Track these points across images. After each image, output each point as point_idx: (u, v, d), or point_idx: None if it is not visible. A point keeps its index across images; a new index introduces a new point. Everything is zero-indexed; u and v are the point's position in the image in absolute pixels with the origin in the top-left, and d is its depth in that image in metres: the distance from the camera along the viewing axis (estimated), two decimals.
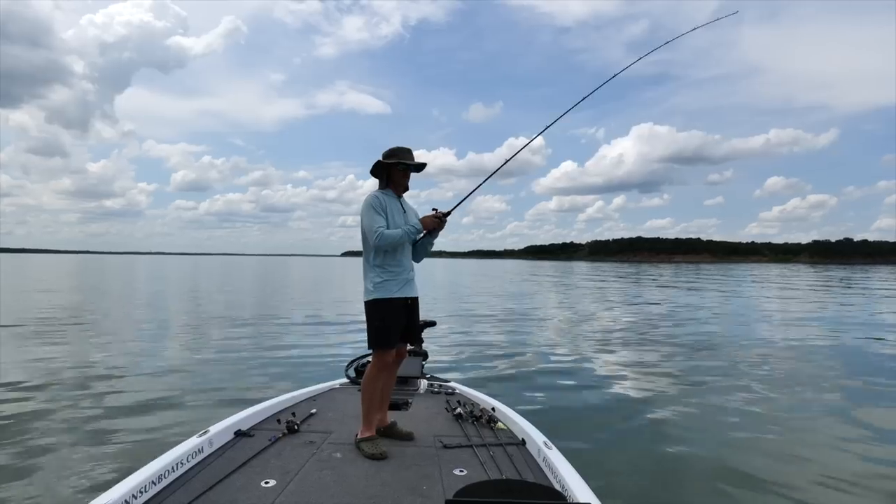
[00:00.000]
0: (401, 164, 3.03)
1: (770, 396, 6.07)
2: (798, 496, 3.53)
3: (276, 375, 6.82)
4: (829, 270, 73.24)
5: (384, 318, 2.93)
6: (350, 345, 9.15)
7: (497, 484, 2.12)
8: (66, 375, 6.54)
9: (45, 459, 3.87)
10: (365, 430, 2.93)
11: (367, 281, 2.98)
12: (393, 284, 2.95)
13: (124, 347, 8.76)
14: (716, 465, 4.10)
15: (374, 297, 2.94)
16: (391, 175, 3.06)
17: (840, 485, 3.71)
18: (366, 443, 2.83)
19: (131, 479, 2.17)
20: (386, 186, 3.07)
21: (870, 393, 6.34)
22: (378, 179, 3.12)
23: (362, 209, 2.97)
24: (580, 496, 2.12)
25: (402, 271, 3.02)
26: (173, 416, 4.95)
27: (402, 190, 3.11)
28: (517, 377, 7.04)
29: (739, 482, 3.74)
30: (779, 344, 9.89)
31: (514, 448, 2.90)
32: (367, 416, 2.94)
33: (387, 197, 3.00)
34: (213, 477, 2.42)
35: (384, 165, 3.04)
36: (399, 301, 2.97)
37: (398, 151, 3.05)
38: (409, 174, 3.12)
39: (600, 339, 10.40)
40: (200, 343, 9.24)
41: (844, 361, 8.25)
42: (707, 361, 8.15)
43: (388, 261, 2.97)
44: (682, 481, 3.83)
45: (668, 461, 4.20)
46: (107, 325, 11.70)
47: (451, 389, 4.14)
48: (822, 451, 4.39)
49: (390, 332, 2.95)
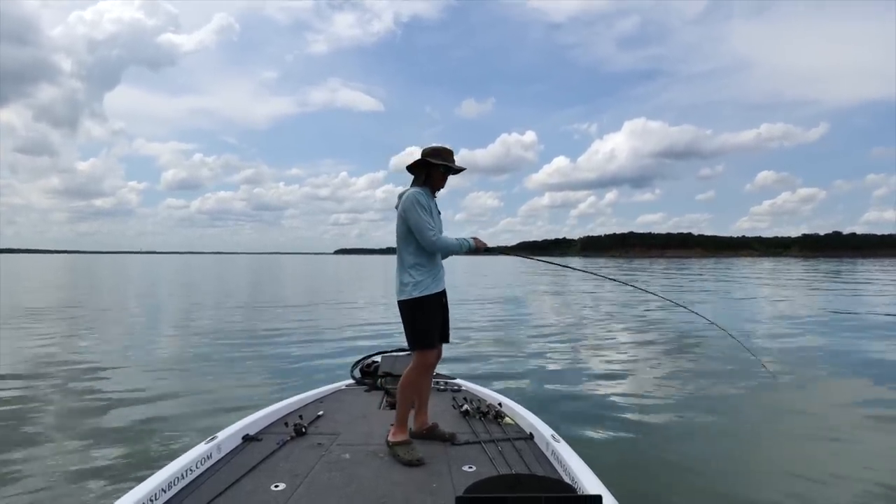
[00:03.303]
0: (442, 167, 2.98)
1: (777, 389, 6.16)
2: (805, 486, 3.58)
3: (281, 378, 6.80)
4: (818, 264, 73.82)
5: (426, 317, 2.90)
6: (355, 345, 9.13)
7: (507, 479, 2.13)
8: (69, 384, 6.45)
9: (53, 471, 3.84)
10: (398, 431, 2.86)
11: (405, 279, 2.91)
12: (430, 281, 2.92)
13: (125, 352, 8.67)
14: (723, 455, 4.17)
15: (414, 296, 2.87)
16: (431, 174, 2.99)
17: (845, 482, 3.72)
18: (401, 448, 2.78)
19: (141, 488, 2.18)
20: (423, 184, 3.00)
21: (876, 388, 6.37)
22: (414, 176, 3.04)
23: (406, 206, 2.87)
24: (590, 488, 2.14)
25: (438, 268, 3.00)
26: (180, 423, 4.92)
27: (437, 190, 3.06)
28: (522, 372, 7.10)
29: (747, 473, 3.80)
30: (782, 337, 10.01)
31: (522, 442, 2.94)
32: (403, 418, 2.89)
33: (426, 197, 2.94)
34: (223, 482, 2.43)
35: (427, 164, 2.97)
36: (436, 297, 2.93)
37: (443, 152, 2.99)
38: (448, 177, 3.07)
39: (604, 333, 10.48)
40: (203, 347, 9.11)
41: (845, 355, 8.37)
42: (713, 354, 8.25)
43: (426, 259, 2.93)
44: (690, 471, 3.87)
45: (676, 451, 4.25)
46: (104, 327, 11.60)
47: (457, 386, 4.18)
48: (830, 447, 4.41)
49: (432, 331, 2.92)
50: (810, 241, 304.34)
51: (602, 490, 2.13)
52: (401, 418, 2.89)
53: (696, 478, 3.75)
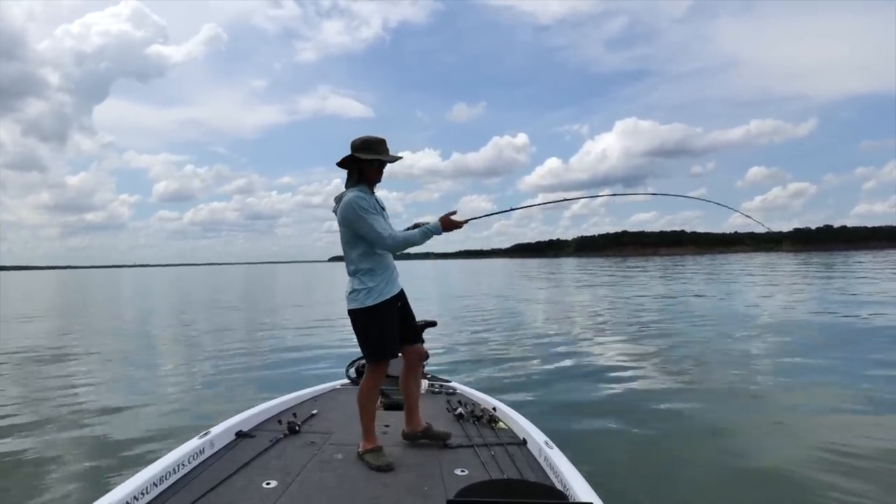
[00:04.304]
0: (375, 161, 2.76)
1: (771, 392, 6.15)
2: (799, 491, 3.57)
3: (276, 376, 6.83)
4: (811, 258, 74.43)
5: (381, 326, 2.76)
6: (350, 346, 9.12)
7: (498, 484, 2.13)
8: (63, 379, 6.50)
9: (45, 462, 3.86)
10: (366, 443, 2.81)
11: (355, 285, 2.75)
12: (384, 286, 2.76)
13: (124, 351, 8.72)
14: (716, 464, 4.12)
15: (367, 305, 2.72)
16: (365, 170, 2.78)
17: (840, 477, 3.72)
18: (370, 455, 2.73)
19: (133, 481, 2.18)
20: (357, 182, 2.79)
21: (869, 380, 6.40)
22: (347, 172, 2.81)
23: (348, 213, 2.68)
24: (582, 495, 2.13)
25: (391, 270, 2.84)
26: (174, 418, 4.95)
27: (374, 185, 2.85)
28: (518, 377, 7.08)
29: (740, 482, 3.76)
30: (775, 335, 10.05)
31: (515, 448, 2.91)
32: (367, 428, 2.84)
33: (366, 197, 2.73)
34: (215, 478, 2.43)
35: (356, 160, 2.75)
36: (391, 302, 2.78)
37: (373, 143, 2.76)
38: (383, 169, 2.85)
39: (600, 337, 10.46)
40: (200, 346, 9.24)
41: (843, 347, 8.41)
42: (708, 357, 8.23)
43: (376, 262, 2.76)
44: (683, 479, 3.85)
45: (669, 459, 4.23)
46: (101, 328, 11.60)
47: (452, 389, 4.15)
48: (824, 447, 4.37)
49: (388, 340, 2.79)
50: (802, 235, 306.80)
51: (593, 497, 2.11)
52: (364, 429, 2.83)
53: (688, 486, 3.74)
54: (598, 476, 2.52)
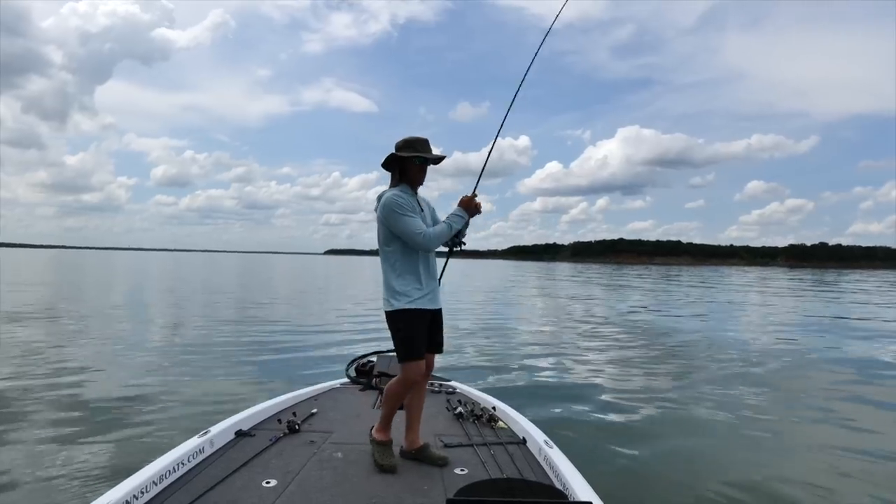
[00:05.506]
0: (417, 158, 2.72)
1: (765, 395, 6.23)
2: (794, 494, 3.62)
3: (276, 375, 6.78)
4: (804, 274, 74.75)
5: (411, 326, 2.69)
6: (350, 345, 9.11)
7: (498, 483, 2.16)
8: (60, 376, 6.39)
9: (43, 461, 3.82)
10: (379, 432, 2.78)
11: (394, 286, 2.70)
12: (419, 296, 2.70)
13: (119, 347, 8.58)
14: (715, 462, 4.19)
15: (404, 307, 2.67)
16: (406, 169, 2.76)
17: (832, 483, 3.78)
18: (379, 448, 2.72)
19: (132, 480, 2.18)
20: (399, 182, 2.77)
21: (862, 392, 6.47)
22: (390, 173, 2.80)
23: (385, 213, 2.65)
24: (581, 494, 2.15)
25: (430, 279, 2.80)
26: (174, 417, 4.91)
27: (417, 186, 2.80)
28: (518, 376, 7.12)
29: (737, 480, 3.81)
30: (770, 344, 10.12)
31: (514, 447, 2.95)
32: (387, 419, 2.80)
33: (406, 196, 2.71)
34: (214, 477, 2.43)
35: (398, 159, 2.75)
36: (426, 312, 2.73)
37: (414, 143, 2.74)
38: (426, 168, 2.80)
39: (599, 339, 10.53)
40: (200, 343, 9.07)
41: (833, 363, 8.43)
42: (704, 361, 8.33)
43: (415, 264, 2.71)
44: (681, 479, 3.89)
45: (667, 459, 4.28)
46: (96, 323, 11.43)
47: (452, 388, 4.18)
48: (818, 451, 4.47)
49: (417, 340, 2.70)
50: (797, 251, 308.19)
51: (593, 497, 2.13)
52: (385, 418, 2.80)
53: (687, 486, 3.77)
54: (597, 475, 2.54)
